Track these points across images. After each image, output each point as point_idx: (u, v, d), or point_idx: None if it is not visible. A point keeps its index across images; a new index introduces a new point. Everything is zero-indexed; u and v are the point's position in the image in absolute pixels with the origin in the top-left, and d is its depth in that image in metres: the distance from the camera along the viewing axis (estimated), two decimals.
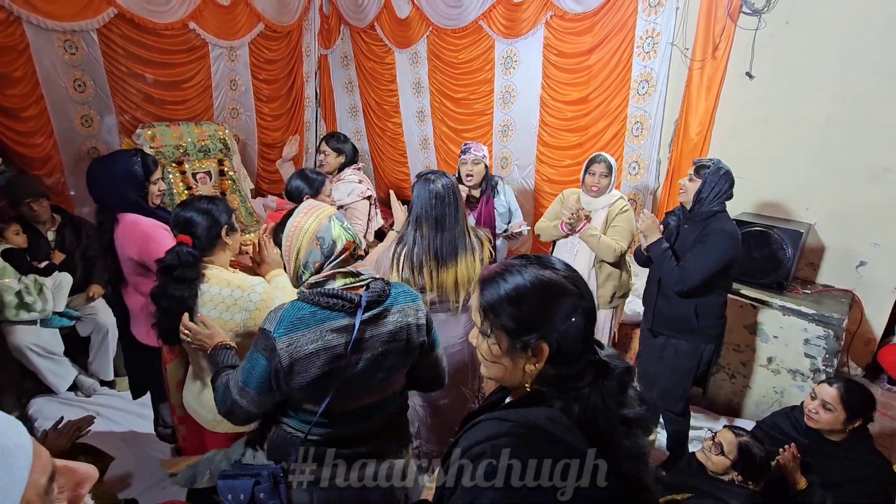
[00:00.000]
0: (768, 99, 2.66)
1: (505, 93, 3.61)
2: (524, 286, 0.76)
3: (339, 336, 1.12)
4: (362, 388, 1.19)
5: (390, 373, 1.22)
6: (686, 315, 2.08)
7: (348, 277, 1.18)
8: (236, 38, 3.88)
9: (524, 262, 0.80)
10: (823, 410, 1.73)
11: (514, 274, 0.78)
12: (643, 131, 3.06)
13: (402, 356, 1.23)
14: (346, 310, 1.13)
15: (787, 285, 2.54)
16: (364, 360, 1.16)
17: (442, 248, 1.79)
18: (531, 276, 0.77)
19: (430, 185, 1.79)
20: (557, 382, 0.76)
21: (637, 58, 2.96)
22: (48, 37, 2.96)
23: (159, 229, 1.87)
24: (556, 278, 0.77)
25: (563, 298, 0.75)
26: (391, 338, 1.19)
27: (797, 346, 2.46)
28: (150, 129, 3.26)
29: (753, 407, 2.62)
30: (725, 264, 1.98)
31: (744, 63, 2.68)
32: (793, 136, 2.63)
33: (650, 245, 2.14)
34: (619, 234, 2.41)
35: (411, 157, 4.37)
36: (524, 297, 0.76)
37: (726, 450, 1.66)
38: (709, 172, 2.00)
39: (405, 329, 1.21)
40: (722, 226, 1.99)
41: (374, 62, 4.31)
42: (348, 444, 1.21)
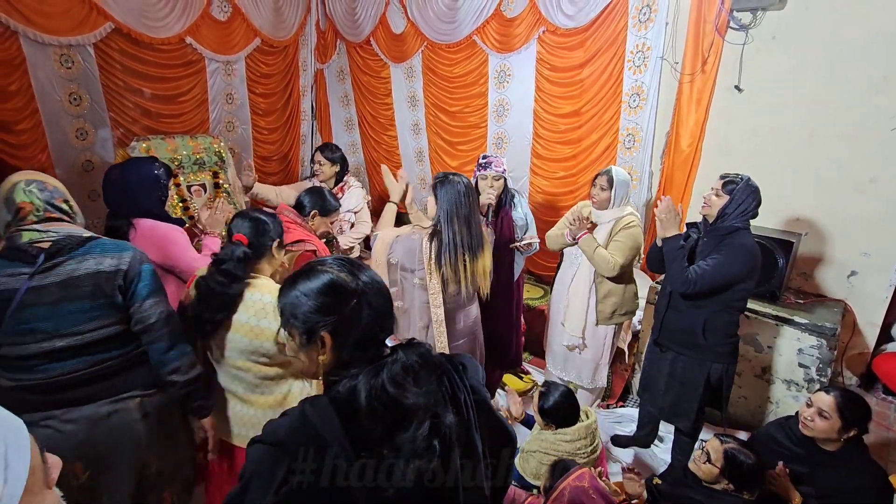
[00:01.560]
0: (756, 112, 2.71)
1: (499, 106, 3.65)
2: (308, 287, 0.87)
3: (11, 280, 1.27)
4: (39, 329, 1.30)
5: (80, 317, 1.33)
6: (694, 329, 2.04)
7: (34, 234, 1.32)
8: (233, 52, 3.92)
9: (309, 268, 0.91)
10: (819, 418, 1.73)
11: (301, 277, 0.89)
12: (635, 143, 3.10)
13: (91, 301, 1.34)
14: (22, 259, 1.29)
15: (780, 295, 2.56)
16: (42, 303, 1.29)
17: (472, 241, 2.01)
18: (316, 277, 0.88)
19: (457, 186, 1.99)
20: (348, 368, 0.85)
21: (628, 71, 3.01)
22: (44, 51, 2.98)
23: (176, 232, 1.93)
24: (336, 278, 0.87)
25: (343, 296, 0.86)
26: (72, 283, 1.31)
27: (791, 356, 2.47)
28: (144, 142, 3.27)
29: (749, 417, 2.62)
30: (737, 278, 1.94)
31: (732, 77, 2.73)
32: (781, 148, 2.68)
33: (666, 239, 2.07)
34: (615, 249, 2.39)
35: (406, 169, 4.37)
36: (308, 295, 0.87)
37: (713, 458, 1.66)
38: (738, 189, 1.94)
39: (91, 276, 1.33)
40: (742, 240, 1.94)
41: (369, 76, 4.35)
42: (53, 391, 1.32)
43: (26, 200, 1.33)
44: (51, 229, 1.33)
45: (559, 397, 1.91)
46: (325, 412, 0.79)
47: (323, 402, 0.81)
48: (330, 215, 2.27)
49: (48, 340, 1.30)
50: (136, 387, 1.43)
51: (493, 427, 0.89)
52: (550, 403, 1.90)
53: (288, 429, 0.80)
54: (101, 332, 1.36)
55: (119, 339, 1.40)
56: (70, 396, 1.34)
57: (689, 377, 2.10)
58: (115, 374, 1.40)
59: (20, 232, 1.31)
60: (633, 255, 2.44)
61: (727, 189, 1.98)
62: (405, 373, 0.81)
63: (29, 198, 1.33)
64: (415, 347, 0.86)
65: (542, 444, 1.90)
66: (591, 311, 2.55)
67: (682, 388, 2.13)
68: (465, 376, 0.88)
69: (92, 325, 1.35)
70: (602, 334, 2.60)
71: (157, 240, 1.87)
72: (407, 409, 0.78)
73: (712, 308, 2.01)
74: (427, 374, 0.82)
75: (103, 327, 1.36)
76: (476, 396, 0.87)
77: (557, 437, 1.89)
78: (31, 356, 1.30)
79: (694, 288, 1.96)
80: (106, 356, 1.38)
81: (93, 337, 1.35)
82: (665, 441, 2.58)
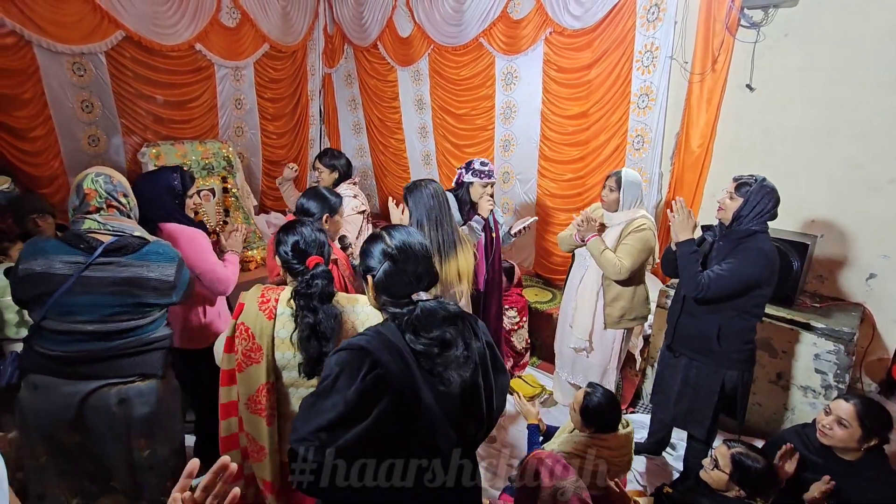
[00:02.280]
0: (769, 111, 2.65)
1: (506, 108, 3.63)
2: (367, 247, 1.19)
3: (66, 266, 1.45)
4: (77, 312, 1.47)
5: (115, 310, 1.51)
6: (707, 335, 1.98)
7: (93, 223, 1.50)
8: (242, 58, 3.96)
9: (376, 234, 1.22)
10: (838, 426, 1.67)
11: (371, 239, 1.21)
12: (644, 145, 3.05)
13: (130, 299, 1.51)
14: (80, 247, 1.47)
15: (795, 299, 2.49)
16: (88, 293, 1.46)
17: (443, 243, 2.12)
18: (376, 242, 1.18)
19: (425, 191, 2.15)
20: (386, 306, 1.15)
21: (636, 72, 2.97)
22: (57, 59, 3.03)
23: (199, 236, 2.01)
24: (379, 233, 1.20)
25: (376, 247, 1.16)
26: (120, 283, 1.49)
27: (807, 362, 2.39)
28: (154, 148, 3.31)
29: (763, 424, 2.54)
30: (753, 283, 1.88)
31: (744, 75, 2.67)
32: (794, 148, 2.61)
33: (679, 243, 2.01)
34: (623, 252, 2.34)
35: (414, 172, 4.39)
36: (367, 251, 1.18)
37: (721, 464, 1.62)
38: (751, 191, 1.88)
39: (139, 281, 1.52)
40: (759, 244, 1.88)
41: (376, 80, 4.36)
42: (73, 363, 1.50)
43: (92, 188, 1.55)
44: (109, 222, 1.54)
45: (604, 400, 1.84)
46: (394, 330, 1.09)
47: (390, 325, 1.10)
48: (337, 213, 2.11)
49: (81, 323, 1.48)
50: (123, 374, 1.56)
51: (494, 360, 1.22)
52: (594, 404, 1.83)
53: (367, 339, 1.05)
54: (122, 324, 1.53)
55: (128, 330, 1.55)
56: (75, 371, 1.52)
57: (703, 384, 2.04)
58: (106, 360, 1.54)
59: (83, 219, 1.52)
60: (643, 258, 2.38)
61: (741, 191, 1.92)
62: (428, 317, 1.09)
63: (94, 186, 1.56)
64: (434, 302, 1.13)
65: (578, 448, 1.83)
66: (599, 315, 2.51)
67: (695, 395, 2.07)
68: (478, 325, 1.21)
69: (120, 318, 1.53)
70: (610, 338, 2.56)
71: (181, 242, 1.94)
72: (445, 339, 1.08)
73: (728, 313, 1.95)
74: (450, 318, 1.11)
75: (127, 320, 1.54)
76: (486, 338, 1.21)
77: (595, 441, 1.83)
78: (62, 332, 1.48)
79: (707, 293, 1.91)
80: (115, 343, 1.53)
81: (115, 327, 1.52)
82: (678, 448, 2.53)
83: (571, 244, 2.58)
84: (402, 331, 1.08)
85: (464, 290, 2.23)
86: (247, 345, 1.47)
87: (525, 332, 3.34)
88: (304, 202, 2.04)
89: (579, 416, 1.86)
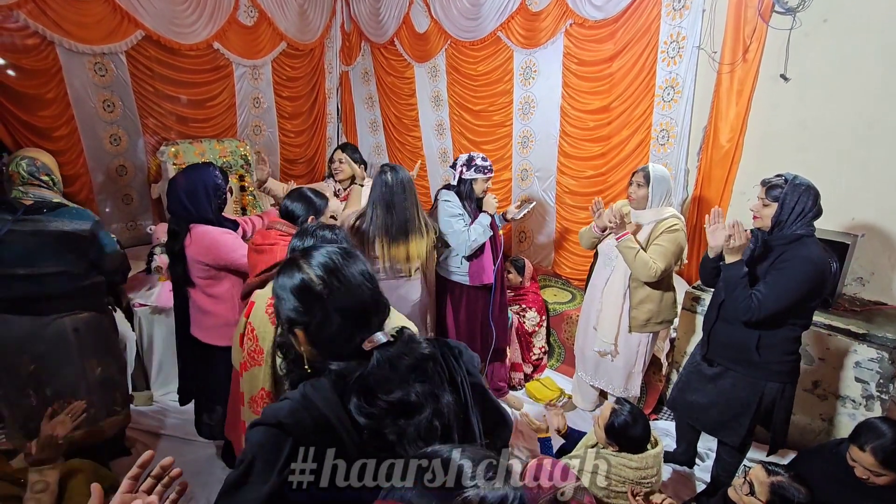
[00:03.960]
0: (805, 102, 2.49)
1: (524, 104, 3.53)
2: (284, 283, 0.87)
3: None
4: (10, 261, 1.80)
5: (41, 257, 1.84)
6: (746, 345, 1.84)
7: (18, 193, 1.97)
8: (259, 56, 3.97)
9: (291, 260, 0.90)
10: (875, 477, 1.49)
11: (283, 270, 0.90)
12: (669, 139, 2.92)
13: (52, 249, 1.86)
14: (7, 210, 1.79)
15: (833, 302, 2.33)
16: (16, 243, 1.80)
17: (391, 225, 2.25)
18: (291, 275, 0.87)
19: (382, 176, 2.27)
20: (324, 362, 0.85)
21: (662, 63, 2.83)
22: (79, 60, 3.08)
23: (225, 235, 2.04)
24: (308, 280, 0.85)
25: (290, 281, 0.86)
26: (40, 234, 1.82)
27: (846, 370, 2.24)
28: (173, 147, 3.34)
29: (798, 436, 2.40)
30: (804, 296, 1.73)
31: (777, 65, 2.52)
32: (833, 142, 2.45)
33: (729, 265, 1.84)
34: (657, 253, 2.21)
35: (431, 170, 4.34)
36: (283, 292, 0.87)
37: (757, 490, 1.49)
38: (785, 192, 1.73)
39: (56, 233, 1.84)
40: (806, 252, 1.72)
41: (393, 77, 4.32)
42: (17, 302, 1.86)
43: (15, 171, 2.01)
44: (30, 192, 1.99)
45: (630, 419, 1.73)
46: (327, 393, 0.81)
47: (323, 384, 0.82)
48: (323, 213, 2.00)
49: (13, 268, 1.81)
50: (69, 309, 1.95)
51: (487, 408, 0.94)
52: (621, 423, 1.73)
53: (289, 410, 0.80)
54: (51, 269, 1.87)
55: (64, 276, 1.90)
56: (26, 308, 1.88)
57: (738, 396, 1.90)
58: (57, 299, 1.91)
59: (11, 191, 2.01)
60: (676, 260, 2.27)
61: (772, 195, 1.78)
62: (389, 370, 0.82)
63: (17, 169, 2.01)
64: (398, 344, 0.85)
65: (601, 466, 1.74)
66: (625, 317, 2.40)
67: (727, 406, 1.93)
68: (462, 360, 0.91)
69: (47, 265, 1.86)
70: (635, 342, 2.45)
71: (206, 244, 1.98)
72: (409, 402, 0.80)
73: (770, 323, 1.80)
74: (419, 365, 0.84)
75: (54, 267, 1.88)
76: (472, 379, 0.91)
77: (620, 461, 1.72)
78: (3, 277, 1.82)
79: (758, 315, 1.76)
80: (53, 287, 1.89)
81: (44, 271, 1.86)
82: (706, 459, 2.40)
83: (590, 237, 2.50)
84: (345, 394, 0.81)
85: (413, 268, 2.38)
86: (251, 345, 1.44)
87: (544, 333, 3.25)
88: (289, 204, 1.94)
89: (604, 434, 1.77)
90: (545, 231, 3.72)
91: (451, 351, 0.91)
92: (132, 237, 3.57)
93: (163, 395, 2.80)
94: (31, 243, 1.83)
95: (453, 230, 2.50)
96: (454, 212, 2.52)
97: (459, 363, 0.90)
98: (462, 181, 2.56)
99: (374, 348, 0.83)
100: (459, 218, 2.52)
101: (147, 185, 3.60)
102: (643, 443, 1.74)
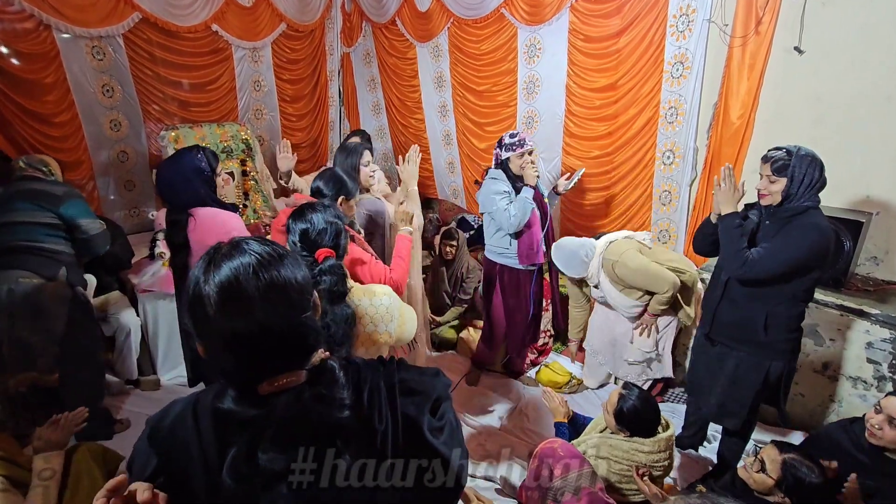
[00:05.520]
0: (820, 76, 2.40)
1: (529, 83, 3.45)
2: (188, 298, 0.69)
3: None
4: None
5: (13, 210, 2.04)
6: (752, 324, 1.81)
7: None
8: (259, 38, 3.91)
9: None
10: (889, 427, 1.50)
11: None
12: (678, 117, 2.84)
13: (23, 202, 2.06)
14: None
15: (846, 282, 2.28)
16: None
17: None
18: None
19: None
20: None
21: (670, 38, 2.74)
22: (76, 43, 3.04)
23: (234, 218, 2.00)
24: (201, 292, 0.66)
25: (201, 321, 0.66)
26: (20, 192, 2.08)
27: (858, 351, 2.20)
28: (173, 132, 3.31)
29: (807, 417, 2.37)
30: (805, 263, 1.69)
31: (792, 37, 2.42)
32: (849, 117, 2.36)
33: (722, 216, 1.83)
34: (646, 282, 2.39)
35: (434, 153, 4.28)
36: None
37: (768, 468, 1.47)
38: (792, 166, 1.69)
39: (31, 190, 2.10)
40: (812, 220, 1.69)
41: (395, 58, 4.24)
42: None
43: (17, 163, 2.22)
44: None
45: (639, 403, 1.71)
46: (200, 422, 0.68)
47: (207, 409, 0.69)
48: (354, 196, 1.98)
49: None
50: (32, 269, 2.03)
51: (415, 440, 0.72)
52: (630, 408, 1.71)
53: (168, 430, 0.71)
54: (15, 217, 2.02)
55: (21, 224, 2.02)
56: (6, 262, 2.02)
57: (743, 376, 1.87)
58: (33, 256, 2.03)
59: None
60: (656, 266, 2.36)
61: (777, 170, 1.73)
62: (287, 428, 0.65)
63: (19, 162, 2.21)
64: (309, 395, 0.68)
65: (614, 452, 1.73)
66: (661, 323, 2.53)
67: (732, 387, 1.91)
68: (395, 377, 0.74)
69: (13, 214, 2.03)
70: (662, 324, 2.53)
71: (216, 228, 1.90)
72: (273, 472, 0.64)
73: (775, 299, 1.77)
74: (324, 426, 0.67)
75: (17, 216, 2.03)
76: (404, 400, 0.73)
77: (633, 445, 1.71)
78: None
79: (751, 272, 1.73)
80: (16, 238, 2.01)
81: (10, 220, 2.02)
82: (714, 441, 2.38)
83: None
84: (225, 437, 0.67)
85: None
86: None
87: (549, 317, 3.22)
88: (319, 183, 1.93)
89: (613, 420, 1.74)
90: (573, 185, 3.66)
91: (387, 373, 0.74)
92: (135, 224, 3.57)
93: (169, 379, 2.82)
94: (5, 196, 2.05)
95: (496, 207, 2.43)
96: (497, 188, 2.45)
97: (384, 393, 0.72)
98: (500, 165, 2.52)
99: (273, 393, 0.67)
100: (504, 196, 2.44)
101: (149, 171, 3.58)
102: (654, 426, 1.72)
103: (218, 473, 0.64)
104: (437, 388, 0.77)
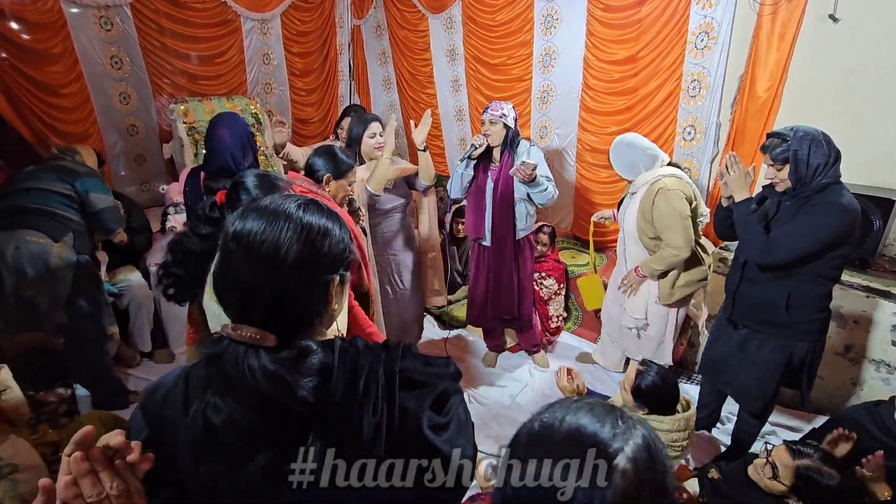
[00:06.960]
0: (855, 46, 2.28)
1: (545, 55, 3.34)
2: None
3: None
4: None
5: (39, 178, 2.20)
6: (775, 305, 1.74)
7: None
8: (268, 9, 3.82)
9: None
10: None
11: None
12: (701, 91, 2.73)
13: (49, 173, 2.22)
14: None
15: (873, 262, 2.20)
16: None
17: None
18: None
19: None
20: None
21: (696, 6, 2.61)
22: (84, 13, 2.99)
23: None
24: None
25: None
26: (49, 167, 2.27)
27: (883, 334, 2.13)
28: (182, 105, 3.27)
29: (826, 400, 2.32)
30: (830, 242, 1.61)
31: (826, 4, 2.29)
32: (885, 90, 2.24)
33: (736, 203, 1.77)
34: (666, 232, 2.18)
35: (446, 129, 4.20)
36: None
37: (781, 474, 1.41)
38: (791, 148, 1.60)
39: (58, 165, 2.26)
40: (833, 198, 1.61)
41: (407, 30, 4.12)
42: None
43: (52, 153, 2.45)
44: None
45: (658, 379, 1.67)
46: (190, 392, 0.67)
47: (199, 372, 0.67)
48: (345, 176, 1.89)
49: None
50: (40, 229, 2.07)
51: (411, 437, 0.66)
52: (648, 384, 1.67)
53: (161, 400, 0.69)
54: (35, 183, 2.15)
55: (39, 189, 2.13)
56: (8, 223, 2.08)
57: (765, 358, 1.82)
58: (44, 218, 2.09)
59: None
60: (687, 219, 2.14)
61: (777, 158, 1.65)
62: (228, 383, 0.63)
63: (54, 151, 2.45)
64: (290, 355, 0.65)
65: None
66: (654, 289, 2.34)
67: (754, 369, 1.85)
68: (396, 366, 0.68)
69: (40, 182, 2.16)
70: (664, 311, 2.38)
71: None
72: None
73: (799, 278, 1.70)
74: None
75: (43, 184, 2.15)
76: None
77: (652, 423, 1.66)
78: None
79: (771, 257, 1.67)
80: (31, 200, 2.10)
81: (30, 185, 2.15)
82: (728, 423, 2.35)
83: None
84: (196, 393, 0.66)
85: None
86: None
87: (562, 299, 3.18)
88: (314, 159, 1.86)
89: (631, 396, 1.71)
90: (564, 191, 3.57)
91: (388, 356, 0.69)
92: (147, 198, 3.56)
93: (182, 352, 2.84)
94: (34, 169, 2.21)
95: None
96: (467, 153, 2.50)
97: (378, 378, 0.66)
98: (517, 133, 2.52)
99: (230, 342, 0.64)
100: (462, 163, 2.53)
101: (159, 145, 3.56)
102: (673, 403, 1.68)
103: (201, 446, 0.62)
104: (444, 381, 0.70)
